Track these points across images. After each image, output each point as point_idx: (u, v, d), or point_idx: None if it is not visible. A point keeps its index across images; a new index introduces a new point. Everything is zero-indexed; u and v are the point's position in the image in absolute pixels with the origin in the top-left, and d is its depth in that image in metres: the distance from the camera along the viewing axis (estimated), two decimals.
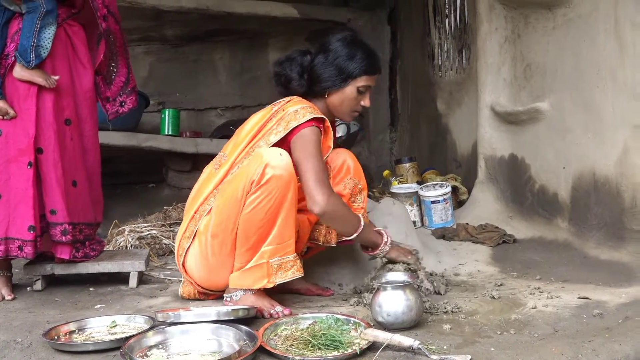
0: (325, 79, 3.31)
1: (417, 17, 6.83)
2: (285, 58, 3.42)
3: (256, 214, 2.98)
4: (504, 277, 3.69)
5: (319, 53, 3.37)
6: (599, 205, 4.13)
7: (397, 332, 2.64)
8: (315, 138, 3.13)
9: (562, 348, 2.49)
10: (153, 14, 6.99)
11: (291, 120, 3.13)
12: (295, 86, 3.35)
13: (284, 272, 3.06)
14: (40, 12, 3.45)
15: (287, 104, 3.25)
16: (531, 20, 4.65)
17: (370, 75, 3.34)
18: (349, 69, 3.28)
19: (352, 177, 3.46)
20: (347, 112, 3.38)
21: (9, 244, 3.46)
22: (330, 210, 3.05)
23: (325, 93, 3.33)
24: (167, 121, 6.79)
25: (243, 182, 3.00)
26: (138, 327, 2.87)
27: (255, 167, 2.98)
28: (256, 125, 3.26)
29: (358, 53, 3.31)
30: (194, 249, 3.20)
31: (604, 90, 4.03)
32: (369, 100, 3.38)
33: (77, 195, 3.67)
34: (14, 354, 2.63)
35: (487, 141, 5.10)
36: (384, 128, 7.64)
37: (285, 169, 2.98)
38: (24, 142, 3.48)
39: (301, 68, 3.35)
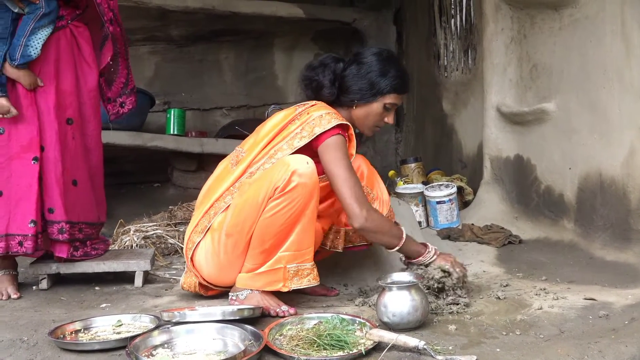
0: (355, 90, 3.30)
1: (423, 18, 6.82)
2: (319, 63, 3.40)
3: (276, 220, 2.99)
4: (510, 278, 3.68)
5: (352, 63, 3.36)
6: (605, 206, 4.12)
7: (403, 332, 2.64)
8: (343, 148, 3.13)
9: (568, 349, 2.48)
10: (158, 14, 7.00)
11: (316, 126, 3.12)
12: (327, 94, 3.34)
13: (300, 279, 3.06)
14: (37, 14, 3.46)
15: (312, 108, 3.24)
16: (537, 21, 4.64)
17: (400, 94, 3.35)
18: (380, 85, 3.28)
19: (364, 185, 3.44)
20: (370, 126, 3.39)
21: (9, 240, 3.47)
22: (371, 226, 3.09)
23: (354, 105, 3.33)
24: (173, 121, 6.79)
25: (266, 187, 3.00)
26: (143, 327, 2.87)
27: (281, 174, 2.97)
28: (277, 126, 3.25)
29: (391, 70, 3.31)
30: (205, 245, 3.19)
31: (610, 91, 4.02)
32: (394, 118, 3.40)
33: (77, 195, 3.68)
34: (20, 352, 2.64)
35: (492, 142, 5.10)
36: (389, 128, 7.63)
37: (310, 178, 2.98)
38: (26, 138, 3.50)
39: (334, 75, 3.34)
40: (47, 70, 3.56)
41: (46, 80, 3.56)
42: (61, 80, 3.61)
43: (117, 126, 6.00)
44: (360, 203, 3.06)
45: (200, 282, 3.29)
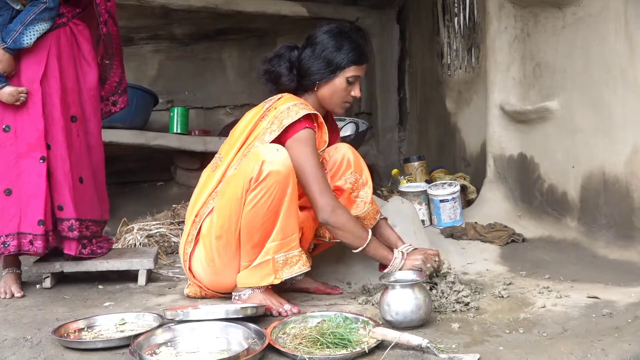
0: (314, 72, 3.31)
1: (426, 16, 6.82)
2: (274, 55, 3.43)
3: (258, 211, 2.99)
4: (513, 276, 3.68)
5: (306, 47, 3.38)
6: (609, 204, 4.12)
7: (406, 330, 2.65)
8: (311, 142, 3.15)
9: (572, 347, 2.48)
10: (162, 13, 7.00)
11: (284, 119, 3.14)
12: (285, 81, 3.36)
13: (290, 267, 3.06)
14: (40, 7, 3.47)
15: (279, 102, 3.26)
16: (541, 19, 4.64)
17: (359, 65, 3.34)
18: (337, 61, 3.29)
19: (353, 172, 3.45)
20: (338, 103, 3.38)
21: (21, 238, 3.48)
22: (335, 220, 3.12)
23: (315, 86, 3.34)
24: (176, 119, 6.80)
25: (242, 181, 3.01)
26: (147, 325, 2.88)
27: (253, 165, 2.98)
28: (248, 125, 3.27)
29: (345, 44, 3.31)
30: (198, 253, 3.21)
31: (613, 90, 4.01)
32: (360, 90, 3.39)
33: (84, 192, 3.70)
34: (24, 351, 2.64)
35: (496, 140, 5.09)
36: (392, 127, 7.63)
37: (282, 164, 2.98)
38: (33, 136, 3.51)
39: (289, 63, 3.36)
40: (51, 67, 3.57)
41: (51, 78, 3.57)
42: (64, 77, 3.62)
43: (121, 125, 6.02)
44: (326, 197, 3.09)
45: (205, 292, 3.30)
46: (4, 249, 3.47)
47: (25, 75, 3.53)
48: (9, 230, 3.48)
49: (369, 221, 3.47)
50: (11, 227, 3.48)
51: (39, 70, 3.54)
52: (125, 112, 6.02)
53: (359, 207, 3.45)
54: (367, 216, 3.46)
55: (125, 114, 6.04)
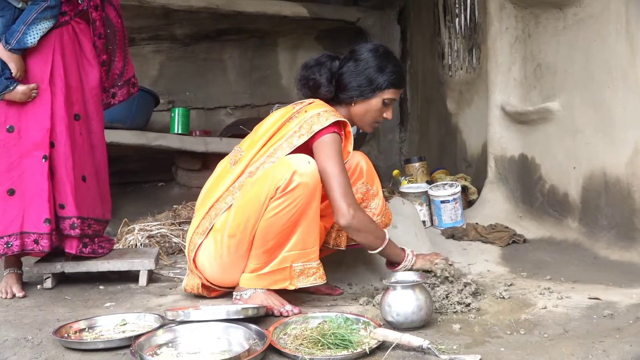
0: (354, 87, 3.30)
1: (427, 17, 6.82)
2: (315, 62, 3.40)
3: (278, 220, 2.99)
4: (514, 277, 3.68)
5: (349, 60, 3.36)
6: (610, 205, 4.12)
7: (407, 331, 2.65)
8: (337, 147, 3.14)
9: (573, 348, 2.48)
10: (162, 13, 7.01)
11: (314, 124, 3.13)
12: (324, 92, 3.34)
13: (306, 278, 3.08)
14: (41, 5, 3.48)
15: (309, 106, 3.25)
16: (542, 20, 4.63)
17: (397, 89, 3.36)
18: (379, 81, 3.29)
19: (364, 182, 3.47)
20: (369, 122, 3.39)
21: (24, 238, 3.49)
22: (357, 224, 3.11)
23: (352, 102, 3.33)
24: (177, 120, 6.80)
25: (267, 187, 3.00)
26: (148, 326, 2.88)
27: (282, 173, 2.97)
28: (275, 124, 3.25)
29: (389, 66, 3.32)
30: (207, 246, 3.19)
31: (614, 91, 4.01)
32: (391, 113, 3.40)
33: (87, 191, 3.70)
34: (25, 351, 2.64)
35: (497, 141, 5.09)
36: (393, 127, 7.63)
37: (312, 177, 2.99)
38: (38, 135, 3.52)
39: (330, 74, 3.35)
40: (56, 65, 3.59)
41: (56, 76, 3.59)
42: (68, 75, 3.64)
43: (122, 125, 6.03)
44: (348, 201, 3.07)
45: (204, 283, 3.29)
46: (7, 249, 3.48)
47: (32, 74, 3.55)
48: (12, 230, 3.48)
49: None
50: (14, 227, 3.49)
51: (46, 70, 3.56)
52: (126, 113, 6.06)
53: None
54: None
55: (126, 114, 6.07)
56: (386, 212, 3.54)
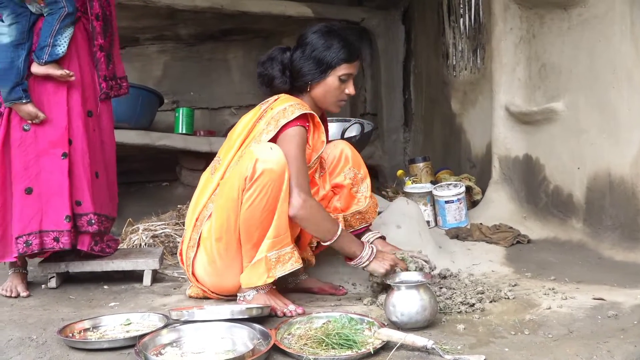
0: (305, 72, 3.31)
1: (432, 17, 6.81)
2: (267, 58, 3.43)
3: (254, 210, 3.00)
4: (518, 278, 3.68)
5: (297, 48, 3.38)
6: (614, 206, 4.11)
7: (411, 331, 2.65)
8: (298, 139, 3.14)
9: (577, 349, 2.48)
10: (167, 13, 7.00)
11: (280, 118, 3.15)
12: (278, 84, 3.36)
13: (283, 265, 3.06)
14: (61, 14, 3.50)
15: (275, 103, 3.27)
16: (546, 20, 4.63)
17: (350, 63, 3.33)
18: (327, 60, 3.28)
19: (351, 167, 3.48)
20: (332, 102, 3.37)
21: (43, 236, 3.52)
22: (303, 214, 3.07)
23: (308, 87, 3.34)
24: (181, 120, 6.80)
25: (238, 181, 3.03)
26: (152, 325, 2.89)
27: (247, 164, 3.00)
28: (246, 127, 3.29)
29: (334, 42, 3.30)
30: (200, 256, 3.21)
31: (619, 91, 4.01)
32: (353, 88, 3.38)
33: (99, 187, 3.75)
34: (29, 350, 2.65)
35: (501, 141, 5.09)
36: (397, 127, 7.62)
37: (276, 162, 2.99)
38: (55, 134, 3.56)
39: (282, 65, 3.36)
40: (73, 62, 3.63)
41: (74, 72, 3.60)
42: (83, 72, 3.68)
43: (126, 125, 6.03)
44: (300, 189, 3.06)
45: (208, 295, 3.30)
46: (26, 248, 3.50)
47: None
48: (31, 229, 3.51)
49: (370, 215, 3.51)
50: (33, 226, 3.52)
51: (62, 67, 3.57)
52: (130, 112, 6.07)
53: (360, 202, 3.48)
54: (369, 210, 3.51)
55: (131, 114, 6.08)
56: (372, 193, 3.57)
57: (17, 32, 3.50)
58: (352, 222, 3.51)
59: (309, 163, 3.27)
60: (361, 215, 3.46)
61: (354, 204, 3.47)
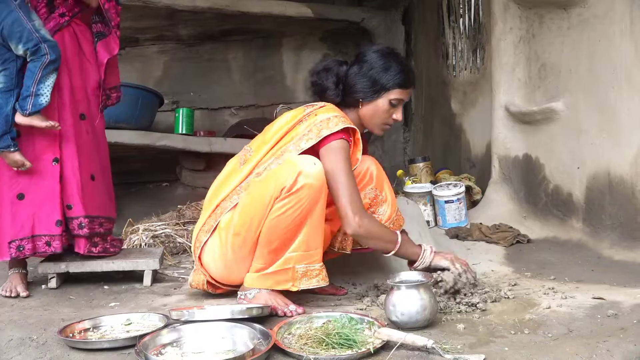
0: (359, 89, 3.30)
1: (432, 17, 6.82)
2: (322, 68, 3.41)
3: (283, 220, 3.00)
4: (518, 277, 3.68)
5: (354, 64, 3.36)
6: (614, 205, 4.12)
7: (411, 331, 2.65)
8: (345, 153, 3.13)
9: (577, 348, 2.48)
10: (167, 14, 7.01)
11: (323, 128, 3.12)
12: (331, 95, 3.35)
13: (309, 279, 3.07)
14: (44, 61, 3.45)
15: (320, 110, 3.24)
16: (546, 20, 4.64)
17: (404, 89, 3.33)
18: (383, 81, 3.28)
19: (373, 187, 3.45)
20: (378, 124, 3.37)
21: (36, 241, 3.54)
22: (364, 232, 3.09)
23: (359, 104, 3.32)
24: (181, 120, 6.80)
25: (273, 187, 3.01)
26: (152, 325, 2.88)
27: (288, 174, 2.98)
28: (285, 126, 3.25)
29: (393, 66, 3.30)
30: (212, 244, 3.20)
31: (619, 91, 4.01)
32: (401, 114, 3.38)
33: (95, 189, 3.74)
34: (29, 351, 2.65)
35: (501, 141, 5.09)
36: (397, 128, 7.62)
37: (317, 179, 2.98)
38: (47, 139, 3.55)
39: (337, 78, 3.35)
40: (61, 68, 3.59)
41: (62, 76, 3.59)
42: (72, 76, 3.66)
43: (126, 126, 6.03)
44: (354, 208, 3.06)
45: (209, 280, 3.30)
46: (19, 253, 3.52)
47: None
48: (24, 234, 3.53)
49: None
50: (25, 231, 3.53)
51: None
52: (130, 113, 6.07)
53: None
54: None
55: (131, 114, 6.08)
56: (397, 219, 3.50)
57: (5, 79, 3.48)
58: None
59: None
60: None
61: None
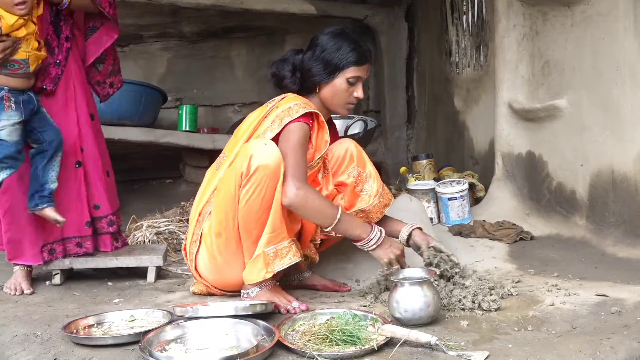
0: (315, 73, 3.33)
1: (435, 14, 6.81)
2: (279, 59, 3.46)
3: (252, 206, 3.01)
4: (521, 274, 3.68)
5: (308, 49, 3.40)
6: (617, 202, 4.11)
7: (415, 328, 2.65)
8: (300, 133, 3.15)
9: (580, 345, 2.48)
10: (171, 11, 7.02)
11: (285, 117, 3.16)
12: (288, 83, 3.38)
13: (281, 259, 3.06)
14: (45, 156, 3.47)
15: (281, 101, 3.27)
16: (549, 17, 4.63)
17: (359, 66, 3.34)
18: (336, 61, 3.30)
19: (355, 166, 3.45)
20: (340, 104, 3.38)
21: (66, 243, 3.66)
22: (298, 202, 3.05)
23: (316, 87, 3.35)
24: (185, 117, 6.81)
25: (234, 177, 3.04)
26: (156, 322, 2.88)
27: (242, 161, 3.01)
28: (252, 124, 3.29)
29: (344, 45, 3.32)
30: (202, 252, 3.23)
31: (622, 88, 4.01)
32: (362, 91, 3.38)
33: (111, 185, 3.87)
34: (34, 347, 2.65)
35: (504, 138, 5.08)
36: (400, 125, 7.62)
37: (270, 158, 2.99)
38: (68, 142, 3.62)
39: (293, 66, 3.39)
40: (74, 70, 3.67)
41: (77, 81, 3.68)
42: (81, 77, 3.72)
43: (130, 122, 6.04)
44: (295, 179, 3.04)
45: (211, 290, 3.32)
46: (51, 256, 3.61)
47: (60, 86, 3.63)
48: (54, 238, 3.62)
49: (374, 214, 3.45)
50: (55, 235, 3.62)
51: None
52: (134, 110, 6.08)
53: (363, 200, 3.43)
54: (373, 209, 3.44)
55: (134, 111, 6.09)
56: (384, 193, 3.47)
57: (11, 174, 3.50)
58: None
59: (312, 162, 3.28)
60: (365, 213, 3.43)
61: (358, 202, 3.45)
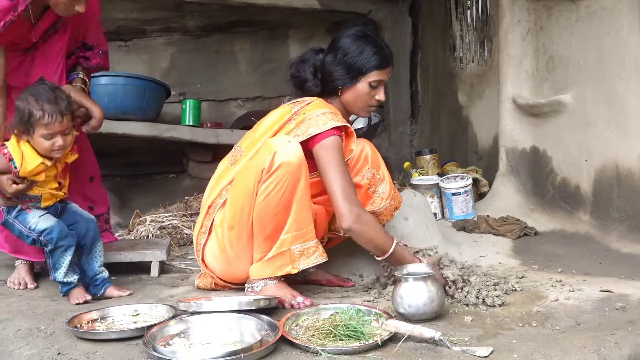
0: (337, 77, 3.30)
1: (439, 9, 6.80)
2: (299, 59, 3.42)
3: (270, 203, 3.00)
4: (525, 270, 3.68)
5: (329, 51, 3.36)
6: (622, 198, 4.11)
7: (419, 323, 2.65)
8: (338, 149, 3.12)
9: (585, 341, 2.48)
10: (174, 5, 7.00)
11: (311, 127, 3.13)
12: (310, 86, 3.35)
13: (307, 258, 3.06)
14: (86, 249, 3.44)
15: (307, 107, 3.24)
16: (554, 12, 4.62)
17: (381, 70, 3.32)
18: (359, 65, 3.27)
19: (370, 167, 3.45)
20: (361, 107, 3.37)
21: None
22: (358, 228, 3.04)
23: (338, 91, 3.33)
24: (188, 112, 6.79)
25: (254, 172, 3.02)
26: (160, 316, 2.89)
27: (265, 156, 2.99)
28: (274, 125, 3.26)
29: (367, 48, 3.29)
30: (211, 243, 3.22)
31: (627, 83, 4.00)
32: (384, 94, 3.37)
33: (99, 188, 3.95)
34: (37, 341, 2.65)
35: (508, 133, 5.08)
36: (404, 120, 7.61)
37: (294, 156, 2.98)
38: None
39: (314, 68, 3.36)
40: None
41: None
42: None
43: (133, 117, 6.04)
44: (350, 203, 3.03)
45: (217, 282, 3.31)
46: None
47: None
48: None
49: (385, 217, 3.49)
50: None
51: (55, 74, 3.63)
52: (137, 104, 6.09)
53: (375, 202, 3.45)
54: (384, 212, 3.48)
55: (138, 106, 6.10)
56: (395, 195, 3.52)
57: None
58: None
59: None
60: (375, 215, 3.42)
61: (369, 204, 3.45)
